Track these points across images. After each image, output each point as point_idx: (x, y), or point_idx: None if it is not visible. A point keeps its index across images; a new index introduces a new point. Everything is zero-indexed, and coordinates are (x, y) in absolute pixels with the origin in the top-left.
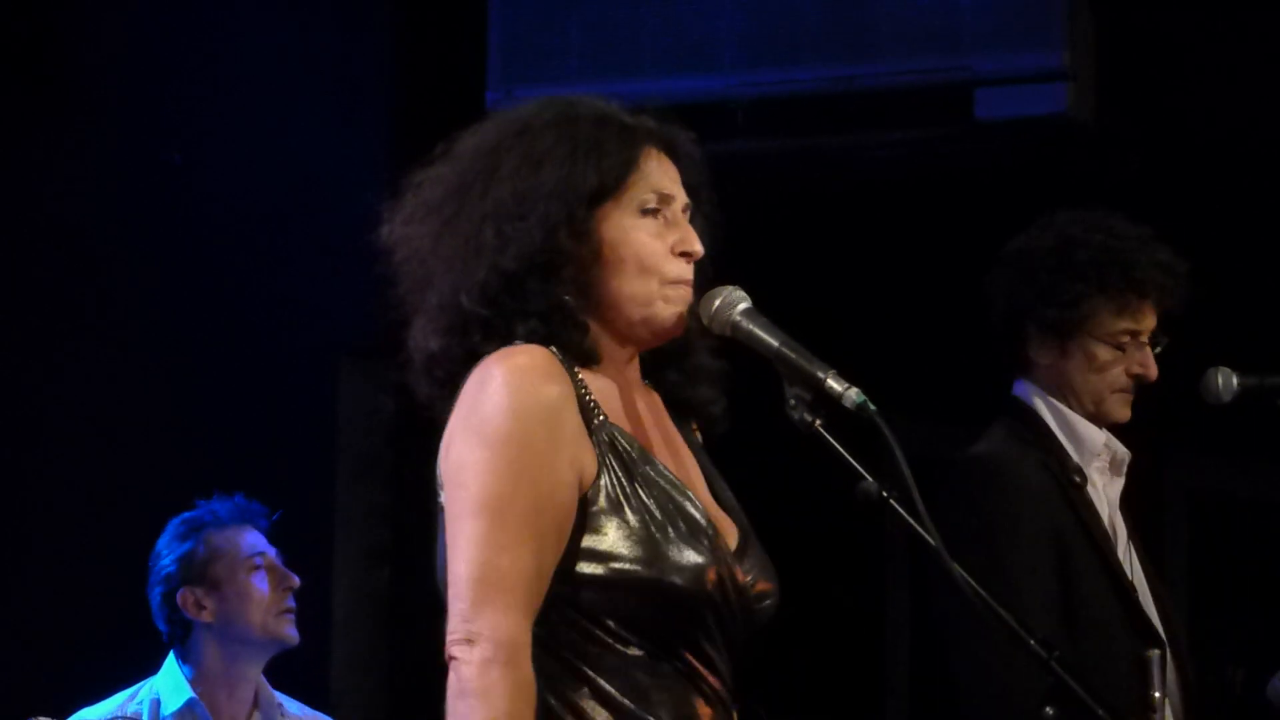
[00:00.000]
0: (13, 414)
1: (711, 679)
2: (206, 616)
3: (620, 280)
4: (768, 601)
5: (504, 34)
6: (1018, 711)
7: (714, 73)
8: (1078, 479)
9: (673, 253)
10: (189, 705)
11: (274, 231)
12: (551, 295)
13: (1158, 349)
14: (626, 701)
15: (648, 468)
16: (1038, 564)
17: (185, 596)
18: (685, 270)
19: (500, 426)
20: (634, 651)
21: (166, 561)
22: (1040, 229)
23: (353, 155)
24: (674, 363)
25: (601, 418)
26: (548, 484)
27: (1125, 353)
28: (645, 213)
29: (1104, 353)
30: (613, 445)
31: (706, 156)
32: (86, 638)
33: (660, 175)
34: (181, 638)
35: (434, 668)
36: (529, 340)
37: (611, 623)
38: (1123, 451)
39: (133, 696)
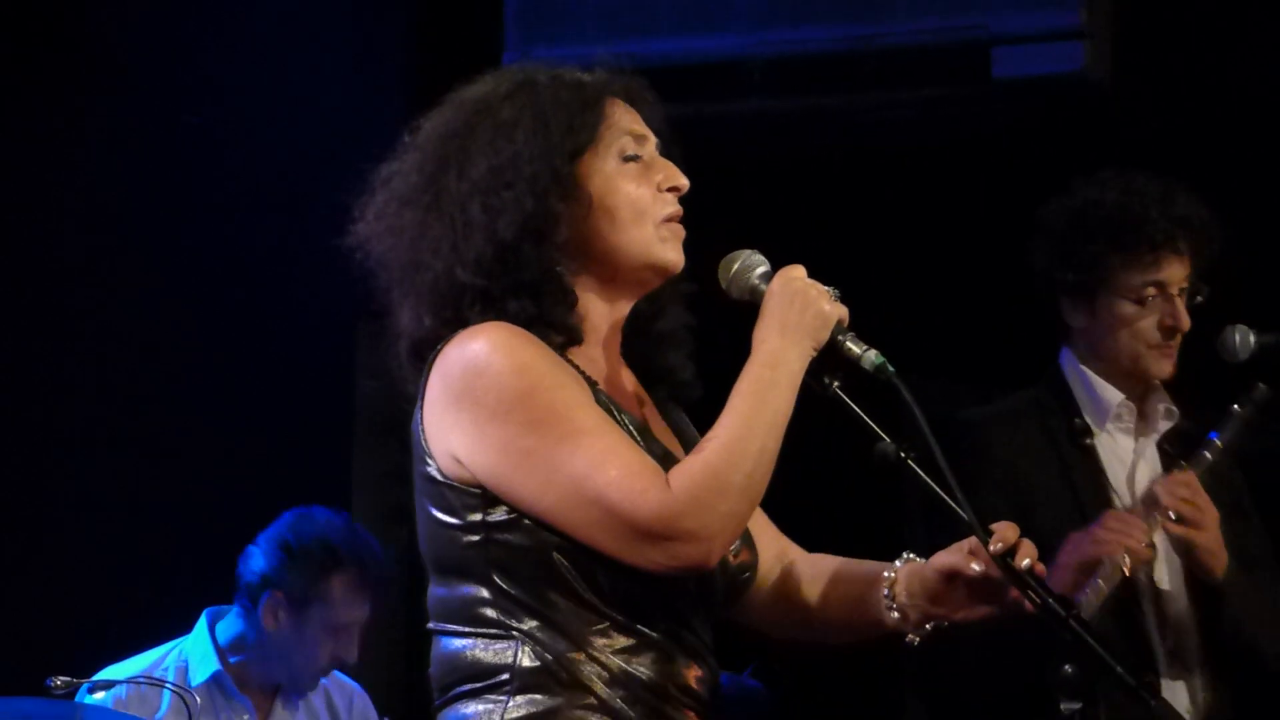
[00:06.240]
0: (38, 375)
1: (691, 640)
2: (269, 625)
3: (615, 231)
4: (747, 574)
5: None
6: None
7: (729, 32)
8: (1086, 440)
9: (659, 190)
10: (215, 678)
11: (291, 192)
12: (545, 262)
13: (1199, 299)
14: (617, 660)
15: (645, 441)
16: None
17: (273, 598)
18: (676, 206)
19: (511, 362)
20: (620, 616)
21: (290, 560)
22: (1064, 194)
23: (370, 118)
24: (642, 328)
25: (598, 385)
26: (579, 387)
27: (1152, 306)
28: (626, 159)
29: (1129, 309)
30: (610, 411)
31: (722, 116)
32: (111, 599)
33: (629, 119)
34: (247, 609)
35: None
36: (515, 321)
37: (604, 587)
38: (1159, 410)
39: (160, 660)
